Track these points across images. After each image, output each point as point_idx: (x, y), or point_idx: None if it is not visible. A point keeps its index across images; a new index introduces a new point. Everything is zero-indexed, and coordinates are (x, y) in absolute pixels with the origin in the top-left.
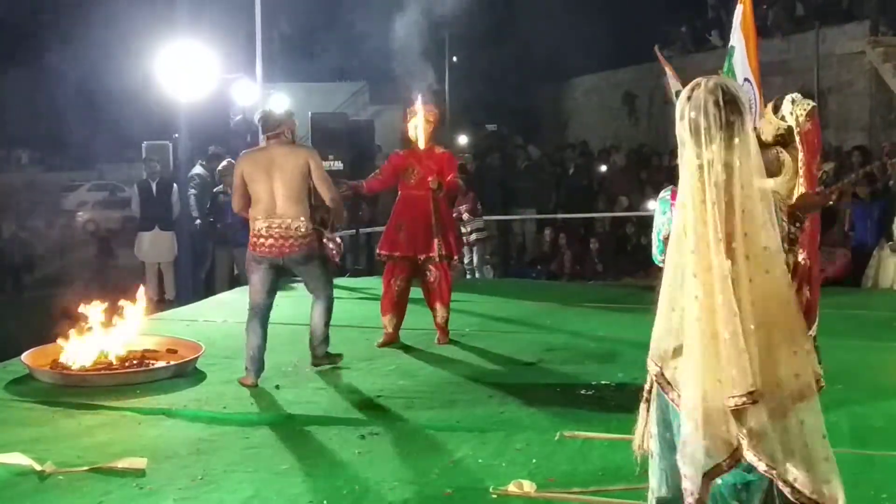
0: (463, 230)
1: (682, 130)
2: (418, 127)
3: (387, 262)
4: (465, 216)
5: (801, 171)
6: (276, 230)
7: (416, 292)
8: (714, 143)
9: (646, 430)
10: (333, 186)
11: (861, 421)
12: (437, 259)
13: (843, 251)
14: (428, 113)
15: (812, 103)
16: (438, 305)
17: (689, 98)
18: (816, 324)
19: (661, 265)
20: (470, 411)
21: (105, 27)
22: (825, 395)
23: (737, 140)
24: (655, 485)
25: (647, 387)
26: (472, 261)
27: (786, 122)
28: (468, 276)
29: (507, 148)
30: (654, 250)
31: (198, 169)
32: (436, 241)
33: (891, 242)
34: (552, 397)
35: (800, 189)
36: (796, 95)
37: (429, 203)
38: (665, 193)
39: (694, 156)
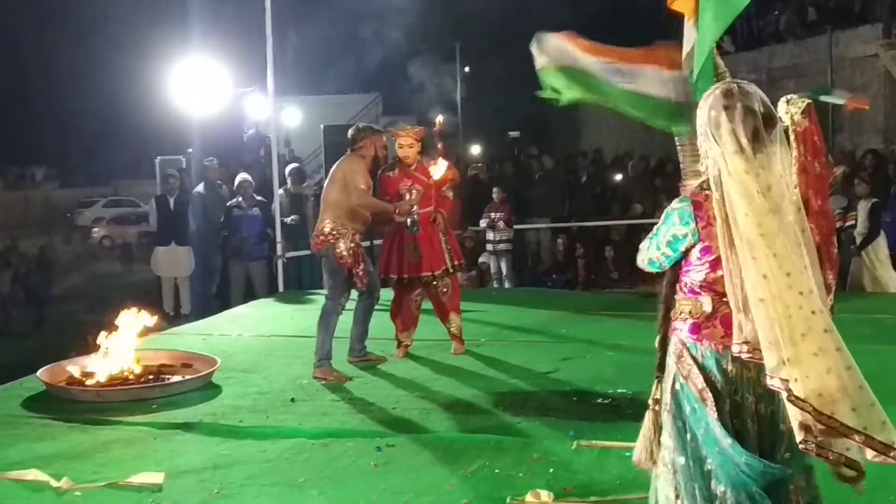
0: (490, 238)
1: (724, 141)
2: (403, 147)
3: (396, 283)
4: (501, 224)
5: (793, 171)
6: (317, 229)
7: (425, 304)
8: (751, 158)
9: (652, 443)
10: (357, 192)
11: None
12: (451, 270)
13: None
14: (416, 133)
15: (807, 101)
16: (452, 315)
17: (726, 108)
18: None
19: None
20: (486, 421)
21: (118, 44)
22: None
23: (767, 158)
24: (664, 498)
25: (655, 397)
26: (498, 270)
27: (783, 122)
28: (495, 285)
29: (520, 157)
30: (663, 260)
31: (199, 187)
32: (446, 253)
33: (853, 247)
34: (569, 406)
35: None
36: (791, 96)
37: (431, 219)
38: (684, 204)
39: (738, 168)
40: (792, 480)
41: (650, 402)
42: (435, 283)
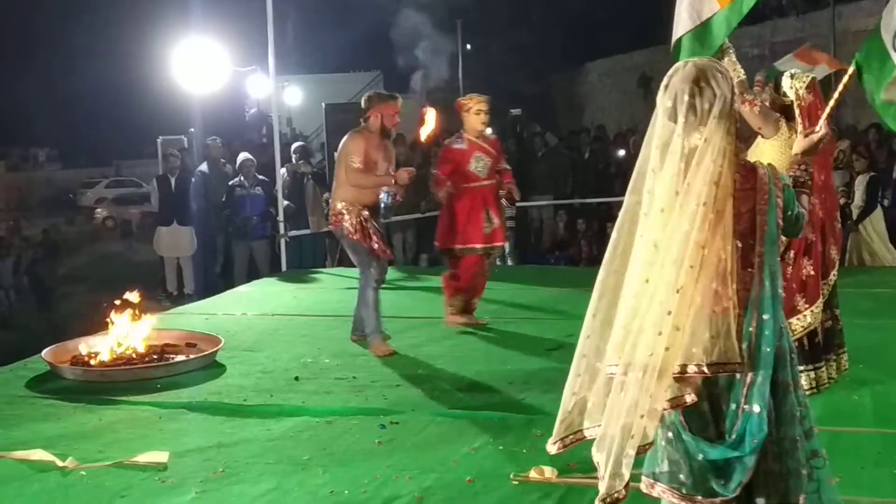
0: None
1: (659, 113)
2: (481, 115)
3: (468, 254)
4: (504, 201)
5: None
6: (332, 207)
7: (430, 282)
8: (687, 130)
9: None
10: (351, 171)
11: (883, 399)
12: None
13: None
14: (488, 101)
15: (812, 76)
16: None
17: (666, 86)
18: (819, 302)
19: None
20: (490, 398)
21: (119, 24)
22: (848, 373)
23: (706, 128)
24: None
25: None
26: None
27: (787, 98)
28: (498, 262)
29: (523, 134)
30: None
31: (203, 166)
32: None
33: (849, 222)
34: None
35: None
36: (795, 70)
37: (496, 191)
38: None
39: (665, 140)
40: (742, 463)
41: None
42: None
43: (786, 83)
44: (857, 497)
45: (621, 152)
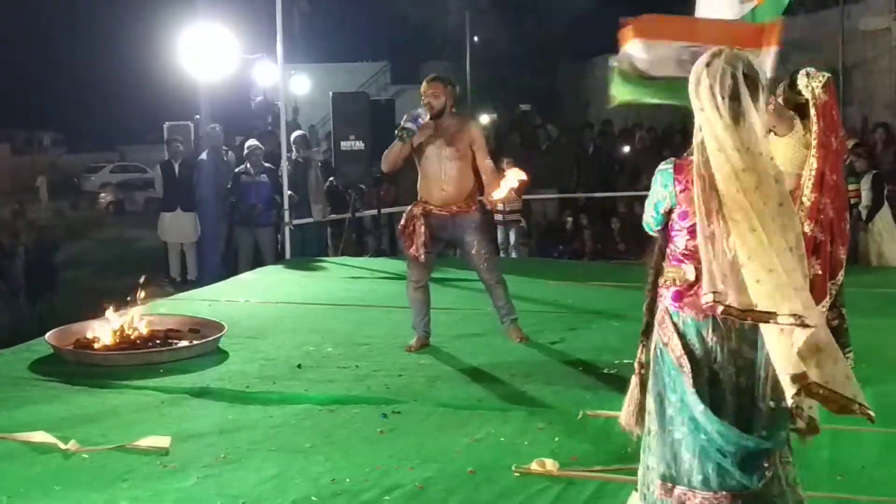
0: (499, 208)
1: (702, 97)
2: None
3: None
4: (512, 194)
5: (814, 144)
6: None
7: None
8: (726, 115)
9: (640, 406)
10: None
11: (887, 399)
12: None
13: None
14: None
15: (827, 75)
16: None
17: (707, 65)
18: (826, 301)
19: (654, 235)
20: (492, 390)
21: (127, 9)
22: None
23: (744, 117)
24: (654, 462)
25: (640, 360)
26: (506, 240)
27: (802, 96)
28: (503, 255)
29: (526, 127)
30: (651, 221)
31: (202, 154)
32: None
33: (860, 221)
34: (574, 376)
35: (811, 162)
36: (811, 69)
37: None
38: (667, 166)
39: (715, 125)
40: (769, 455)
41: (636, 365)
42: None
43: (801, 81)
44: (858, 496)
45: (626, 148)
